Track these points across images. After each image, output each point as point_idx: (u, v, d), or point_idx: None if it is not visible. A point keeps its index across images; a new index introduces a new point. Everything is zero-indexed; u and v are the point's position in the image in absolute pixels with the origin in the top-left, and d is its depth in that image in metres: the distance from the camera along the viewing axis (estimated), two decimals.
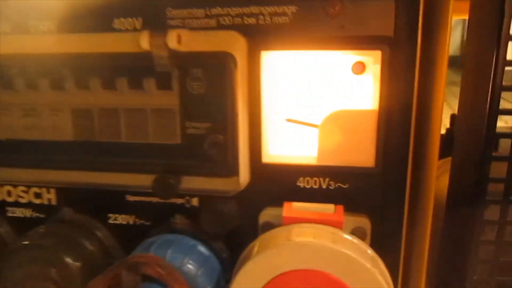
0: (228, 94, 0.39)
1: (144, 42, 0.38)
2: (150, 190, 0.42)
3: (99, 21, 0.42)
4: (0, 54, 0.43)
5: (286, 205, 0.40)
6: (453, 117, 0.77)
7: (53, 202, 0.48)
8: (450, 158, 0.42)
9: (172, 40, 0.38)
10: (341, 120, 0.40)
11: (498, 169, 0.40)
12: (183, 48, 0.39)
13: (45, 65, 0.44)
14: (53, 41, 0.43)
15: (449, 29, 0.37)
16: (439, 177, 0.46)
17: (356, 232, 0.41)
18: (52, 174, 0.45)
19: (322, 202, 0.42)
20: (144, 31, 0.38)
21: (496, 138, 0.39)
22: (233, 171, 0.41)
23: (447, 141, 0.56)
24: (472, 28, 0.37)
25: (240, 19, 0.39)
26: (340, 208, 0.40)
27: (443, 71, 0.38)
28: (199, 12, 0.40)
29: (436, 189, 0.42)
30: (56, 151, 0.45)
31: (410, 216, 0.42)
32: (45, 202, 0.48)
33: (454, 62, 0.36)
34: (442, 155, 0.42)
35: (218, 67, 0.39)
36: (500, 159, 0.39)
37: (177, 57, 0.39)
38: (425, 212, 0.41)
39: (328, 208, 0.40)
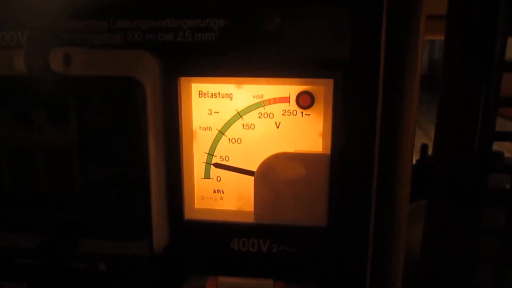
0: (135, 131, 0.30)
1: (18, 63, 0.29)
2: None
3: None
4: None
5: (210, 282, 0.30)
6: (423, 148, 0.69)
7: None
8: (423, 201, 0.34)
9: (56, 61, 0.28)
10: (283, 166, 0.31)
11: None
12: (75, 72, 0.29)
13: None
14: None
15: (420, 51, 0.29)
16: (410, 228, 0.37)
17: None
18: None
19: (262, 269, 0.32)
20: (18, 50, 0.29)
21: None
22: (144, 232, 0.31)
23: (418, 175, 0.47)
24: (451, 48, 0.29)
25: (153, 35, 0.30)
26: (280, 285, 0.30)
27: (413, 100, 0.29)
28: (101, 24, 0.31)
29: (407, 244, 0.33)
30: None
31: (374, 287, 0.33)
32: None
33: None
34: (411, 196, 0.34)
35: (121, 96, 0.29)
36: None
37: (68, 83, 0.29)
38: (394, 283, 0.32)
39: (265, 286, 0.30)
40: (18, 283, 0.36)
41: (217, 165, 0.32)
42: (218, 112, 0.32)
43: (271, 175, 0.31)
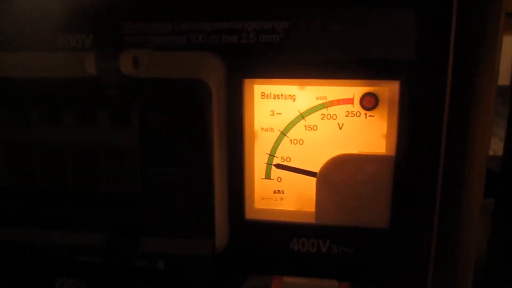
0: (200, 132, 0.30)
1: (89, 65, 0.29)
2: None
3: (39, 37, 0.33)
4: None
5: (275, 281, 0.30)
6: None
7: None
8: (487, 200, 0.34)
9: (127, 63, 0.29)
10: (345, 168, 0.31)
11: None
12: (142, 74, 0.30)
13: None
14: None
15: (497, 52, 0.28)
16: None
17: None
18: None
19: (321, 270, 0.33)
20: (89, 52, 0.29)
21: None
22: (207, 231, 0.32)
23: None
24: None
25: (217, 37, 0.30)
26: (345, 286, 0.30)
27: (487, 103, 0.29)
28: (165, 27, 0.31)
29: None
30: None
31: None
32: None
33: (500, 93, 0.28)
34: None
35: (187, 98, 0.30)
36: None
37: (134, 85, 0.30)
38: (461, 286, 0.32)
39: (330, 287, 0.30)
40: (78, 279, 0.37)
41: (278, 166, 0.32)
42: (280, 113, 0.32)
43: (334, 176, 0.31)
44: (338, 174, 0.31)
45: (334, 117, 0.31)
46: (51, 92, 0.33)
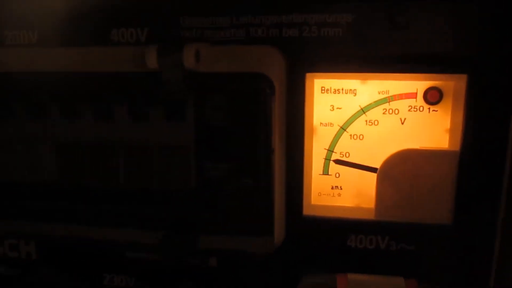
0: (261, 127, 0.30)
1: (151, 59, 0.29)
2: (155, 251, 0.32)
3: (92, 32, 0.32)
4: None
5: (340, 279, 0.30)
6: None
7: (34, 256, 0.38)
8: None
9: (189, 57, 0.28)
10: (407, 163, 0.30)
11: None
12: (202, 68, 0.29)
13: (22, 87, 0.34)
14: (32, 56, 0.33)
15: None
16: None
17: None
18: (31, 225, 0.36)
19: (378, 267, 0.32)
20: (151, 46, 0.29)
21: None
22: (266, 228, 0.31)
23: None
24: None
25: (277, 31, 0.30)
26: (413, 283, 0.30)
27: None
28: (224, 20, 0.30)
29: None
30: (35, 196, 0.35)
31: None
32: (23, 256, 0.38)
33: None
34: None
35: (249, 92, 0.29)
36: None
37: (194, 79, 0.29)
38: None
39: (397, 284, 0.30)
40: (127, 276, 0.37)
41: (338, 162, 0.32)
42: (340, 108, 0.31)
43: (395, 172, 0.30)
44: (399, 170, 0.30)
45: (396, 111, 0.31)
46: (103, 88, 0.33)
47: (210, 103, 0.30)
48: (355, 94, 0.31)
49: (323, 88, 0.31)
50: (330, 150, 0.32)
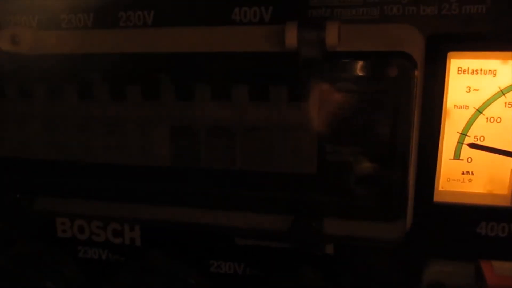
0: (402, 110, 0.29)
1: (291, 37, 0.28)
2: (282, 236, 0.32)
3: (213, 11, 0.31)
4: (75, 54, 0.33)
5: (485, 265, 0.29)
6: None
7: (137, 242, 0.37)
8: None
9: (332, 35, 0.27)
10: None
11: None
12: (340, 47, 0.28)
13: (135, 68, 0.33)
14: (148, 37, 0.33)
15: None
16: None
17: None
18: (139, 209, 0.35)
19: (509, 255, 0.31)
20: (290, 23, 0.28)
21: None
22: (398, 213, 0.30)
23: None
24: None
25: (414, 8, 0.29)
26: None
27: None
28: None
29: None
30: (146, 179, 0.35)
31: None
32: (127, 242, 0.38)
33: None
34: None
35: (391, 72, 0.28)
36: None
37: (333, 58, 0.28)
38: None
39: None
40: (235, 263, 0.36)
41: (473, 146, 0.31)
42: (477, 90, 0.30)
43: None
44: None
45: None
46: (223, 68, 0.32)
47: (343, 83, 0.29)
48: (495, 74, 0.30)
49: (459, 69, 0.30)
50: (464, 134, 0.31)
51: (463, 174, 0.31)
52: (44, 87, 0.35)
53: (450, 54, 0.29)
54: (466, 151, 0.31)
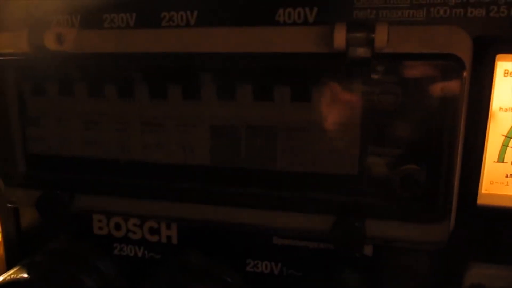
0: (448, 111, 0.28)
1: (339, 38, 0.28)
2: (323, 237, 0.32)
3: (256, 12, 0.32)
4: (117, 53, 0.34)
5: None
6: None
7: (174, 240, 0.38)
8: None
9: (381, 37, 0.27)
10: None
11: None
12: (387, 49, 0.28)
13: (176, 67, 0.34)
14: (190, 37, 0.33)
15: None
16: None
17: None
18: (177, 207, 0.35)
19: None
20: (339, 24, 0.28)
21: None
22: (442, 216, 0.30)
23: None
24: None
25: (461, 11, 0.29)
26: None
27: None
28: (402, 0, 0.29)
29: None
30: (185, 177, 0.35)
31: None
32: (163, 240, 0.38)
33: None
34: None
35: (440, 74, 0.28)
36: None
37: (380, 60, 0.28)
38: None
39: None
40: (272, 263, 0.36)
41: None
42: None
43: None
44: None
45: None
46: (265, 69, 0.32)
47: (389, 84, 0.29)
48: None
49: (506, 71, 0.30)
50: (508, 137, 0.31)
51: (506, 177, 0.31)
52: (85, 86, 0.35)
53: (498, 56, 0.29)
54: (510, 154, 0.31)
